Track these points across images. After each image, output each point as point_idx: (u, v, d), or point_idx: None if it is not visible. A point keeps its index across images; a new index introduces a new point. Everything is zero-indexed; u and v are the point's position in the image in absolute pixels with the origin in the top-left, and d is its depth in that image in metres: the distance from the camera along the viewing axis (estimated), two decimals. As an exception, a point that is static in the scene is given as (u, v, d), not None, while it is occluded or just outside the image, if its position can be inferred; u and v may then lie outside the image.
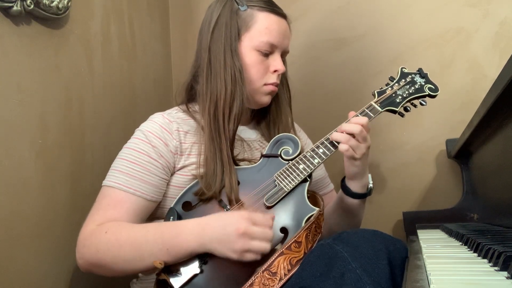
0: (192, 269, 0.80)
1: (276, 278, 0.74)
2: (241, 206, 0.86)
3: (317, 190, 1.11)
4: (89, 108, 1.08)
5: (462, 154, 1.17)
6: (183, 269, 0.80)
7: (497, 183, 0.89)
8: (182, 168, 0.91)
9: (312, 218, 0.83)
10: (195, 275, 0.79)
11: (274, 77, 0.97)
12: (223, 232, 0.77)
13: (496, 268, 0.53)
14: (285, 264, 0.76)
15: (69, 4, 0.98)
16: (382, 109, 0.94)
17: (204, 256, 0.80)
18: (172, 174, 0.92)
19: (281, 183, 0.88)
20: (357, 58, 1.38)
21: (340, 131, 0.90)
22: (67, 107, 1.01)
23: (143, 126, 0.94)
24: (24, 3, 0.86)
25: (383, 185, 1.34)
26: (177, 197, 0.88)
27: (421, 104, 0.97)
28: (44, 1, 0.90)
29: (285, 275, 0.75)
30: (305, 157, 0.90)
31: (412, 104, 0.98)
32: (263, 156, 0.93)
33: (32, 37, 0.91)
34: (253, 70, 0.95)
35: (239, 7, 0.95)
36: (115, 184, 0.86)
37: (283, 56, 1.00)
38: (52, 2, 0.93)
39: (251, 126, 1.06)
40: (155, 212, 0.92)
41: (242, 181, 0.89)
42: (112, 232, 0.80)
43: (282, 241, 0.83)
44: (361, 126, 0.88)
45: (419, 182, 1.31)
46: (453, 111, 1.27)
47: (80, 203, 1.01)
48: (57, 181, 0.97)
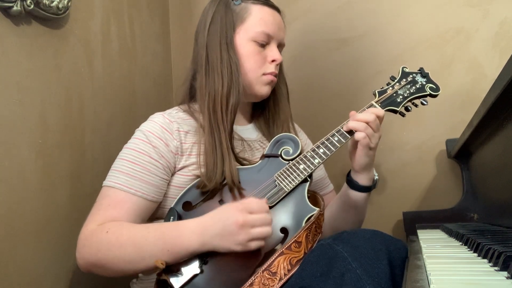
0: (192, 269, 0.80)
1: (276, 278, 0.75)
2: None
3: (317, 190, 1.11)
4: (89, 108, 1.08)
5: (462, 154, 1.17)
6: (183, 269, 0.80)
7: (497, 183, 0.89)
8: (182, 168, 0.91)
9: (313, 218, 0.83)
10: (195, 275, 0.79)
11: (272, 67, 0.98)
12: (223, 227, 0.77)
13: (496, 268, 0.53)
14: (285, 264, 0.76)
15: (69, 4, 0.98)
16: (383, 108, 0.94)
17: (204, 256, 0.80)
18: (172, 174, 0.92)
19: (282, 183, 0.88)
20: (357, 58, 1.38)
21: (355, 119, 0.90)
22: (67, 107, 1.01)
23: (143, 126, 0.94)
24: (24, 3, 0.86)
25: (383, 185, 1.34)
26: (178, 197, 0.88)
27: (422, 104, 0.97)
28: (44, 1, 0.90)
29: (285, 275, 0.75)
30: (305, 157, 0.90)
31: (413, 103, 0.98)
32: (263, 156, 0.93)
33: (32, 37, 0.91)
34: (251, 61, 0.96)
35: (233, 1, 0.97)
36: (115, 185, 0.86)
37: (279, 49, 1.01)
38: (52, 2, 0.93)
39: (251, 126, 1.07)
40: (156, 212, 0.92)
41: (242, 181, 0.89)
42: (113, 232, 0.80)
43: (282, 241, 0.83)
44: (375, 115, 0.89)
45: (419, 182, 1.31)
46: (453, 111, 1.27)
47: (80, 202, 1.01)
48: (57, 181, 0.97)
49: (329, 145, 0.91)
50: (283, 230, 0.84)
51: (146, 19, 1.39)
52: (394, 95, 0.96)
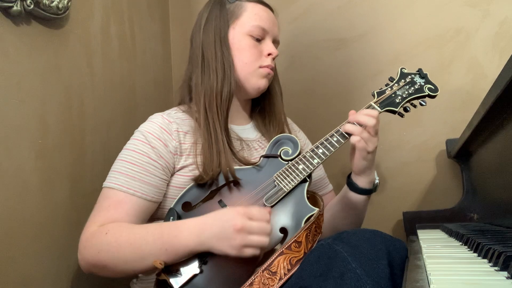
0: (192, 269, 0.80)
1: (276, 278, 0.75)
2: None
3: (316, 190, 1.11)
4: (89, 108, 1.08)
5: (462, 154, 1.17)
6: (183, 269, 0.80)
7: (497, 183, 0.89)
8: (182, 168, 0.92)
9: (312, 218, 0.83)
10: (195, 275, 0.79)
11: (268, 60, 1.00)
12: (221, 229, 0.77)
13: (496, 268, 0.53)
14: (285, 263, 0.76)
15: (69, 4, 0.98)
16: (382, 109, 0.94)
17: (204, 256, 0.81)
18: (172, 175, 0.92)
19: (281, 183, 0.88)
20: (357, 58, 1.38)
21: (354, 121, 0.90)
22: (67, 107, 1.01)
23: (142, 127, 0.94)
24: (24, 3, 0.86)
25: (383, 185, 1.34)
26: (177, 198, 0.88)
27: (421, 105, 0.97)
28: (44, 1, 0.90)
29: (285, 274, 0.75)
30: (304, 157, 0.90)
31: (412, 104, 0.98)
32: (262, 156, 0.93)
33: (32, 37, 0.91)
34: (248, 53, 0.98)
35: (228, 0, 1.00)
36: (115, 185, 0.86)
37: (274, 45, 1.03)
38: (52, 2, 0.93)
39: (250, 126, 1.07)
40: (155, 212, 0.92)
41: (241, 181, 0.89)
42: (112, 234, 0.81)
43: (282, 241, 0.83)
44: (375, 119, 0.89)
45: (419, 182, 1.31)
46: (453, 111, 1.27)
47: (80, 203, 1.01)
48: (57, 181, 0.97)
49: (328, 145, 0.91)
50: (283, 230, 0.84)
51: (146, 19, 1.39)
52: (393, 95, 0.96)
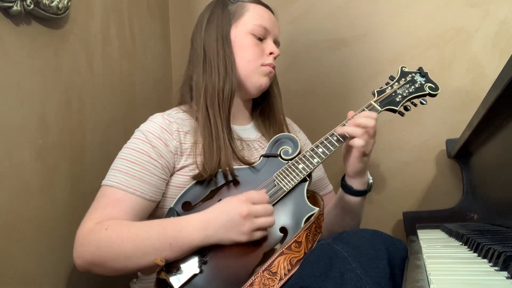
0: (192, 269, 0.80)
1: (276, 278, 0.75)
2: None
3: (316, 191, 1.11)
4: (89, 108, 1.08)
5: (462, 154, 1.17)
6: (183, 269, 0.80)
7: (497, 183, 0.89)
8: (182, 168, 0.92)
9: (312, 218, 0.83)
10: (195, 275, 0.79)
11: (270, 59, 1.01)
12: (228, 219, 0.78)
13: (496, 268, 0.53)
14: (285, 264, 0.76)
15: (69, 4, 0.98)
16: (382, 108, 0.94)
17: (204, 256, 0.81)
18: (172, 174, 0.92)
19: (281, 182, 0.88)
20: (357, 58, 1.38)
21: (353, 124, 0.89)
22: (67, 107, 1.01)
23: (143, 126, 0.94)
24: (24, 3, 0.86)
25: (383, 184, 1.34)
26: (177, 197, 0.88)
27: (421, 103, 0.97)
28: (44, 1, 0.90)
29: (285, 275, 0.75)
30: (304, 156, 0.90)
31: (412, 103, 0.98)
32: (262, 156, 0.93)
33: (32, 37, 0.91)
34: (250, 51, 0.99)
35: (230, 0, 1.02)
36: (114, 184, 0.86)
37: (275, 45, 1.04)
38: (52, 2, 0.93)
39: (250, 126, 1.07)
40: (155, 212, 0.92)
41: (241, 180, 0.90)
42: (112, 229, 0.80)
43: (282, 240, 0.83)
44: (374, 120, 0.89)
45: (419, 182, 1.31)
46: (453, 111, 1.27)
47: (80, 203, 1.01)
48: (57, 182, 0.97)
49: (328, 144, 0.91)
50: (283, 229, 0.84)
51: (146, 19, 1.39)
52: (393, 94, 0.96)
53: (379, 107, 0.94)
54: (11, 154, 0.85)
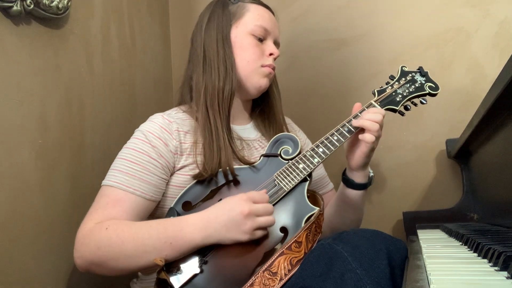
0: (192, 269, 0.80)
1: (276, 278, 0.75)
2: None
3: (316, 189, 1.11)
4: (89, 108, 1.08)
5: (462, 154, 1.17)
6: (183, 268, 0.80)
7: (497, 183, 0.89)
8: (182, 168, 0.92)
9: (312, 218, 0.83)
10: (195, 275, 0.79)
11: (270, 60, 1.01)
12: (229, 218, 0.78)
13: (496, 268, 0.53)
14: (285, 264, 0.76)
15: (69, 4, 0.98)
16: (382, 108, 0.94)
17: (204, 255, 0.81)
18: (172, 174, 0.92)
19: (281, 182, 0.88)
20: (357, 58, 1.38)
21: (366, 119, 0.89)
22: (67, 107, 1.01)
23: (142, 126, 0.94)
24: (24, 3, 0.86)
25: (383, 185, 1.34)
26: (177, 197, 0.88)
27: (422, 103, 0.97)
28: (44, 1, 0.90)
29: (285, 275, 0.75)
30: (304, 156, 0.90)
31: (413, 102, 0.98)
32: (263, 155, 0.93)
33: (32, 37, 0.91)
34: (250, 52, 0.99)
35: (231, 1, 1.02)
36: (114, 184, 0.86)
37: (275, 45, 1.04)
38: (52, 2, 0.92)
39: (250, 125, 1.07)
40: (155, 212, 0.92)
41: (242, 180, 0.90)
42: (113, 229, 0.80)
43: (282, 240, 0.83)
44: (381, 115, 0.89)
45: (419, 182, 1.31)
46: (453, 111, 1.27)
47: (80, 203, 1.01)
48: (57, 181, 0.97)
49: (328, 144, 0.91)
50: (283, 229, 0.84)
51: (146, 19, 1.39)
52: (394, 94, 0.96)
53: (379, 107, 0.94)
54: (11, 154, 0.85)
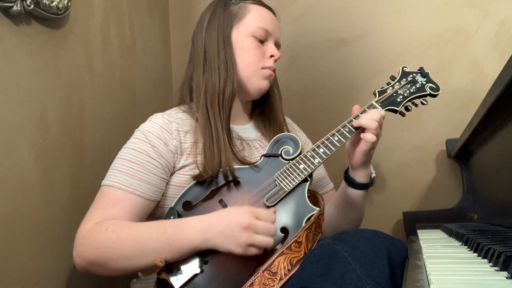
0: (192, 269, 0.80)
1: (276, 278, 0.75)
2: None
3: (317, 189, 1.11)
4: (89, 108, 1.08)
5: (462, 154, 1.17)
6: (183, 269, 0.80)
7: (497, 183, 0.89)
8: (182, 167, 0.92)
9: (313, 218, 0.83)
10: (196, 275, 0.79)
11: (271, 62, 1.01)
12: (227, 227, 0.77)
13: (496, 268, 0.53)
14: (285, 264, 0.76)
15: (69, 4, 0.98)
16: (383, 108, 0.94)
17: (204, 255, 0.81)
18: (172, 174, 0.92)
19: (282, 183, 0.88)
20: (357, 58, 1.38)
21: (365, 118, 0.89)
22: (67, 107, 1.01)
23: (142, 126, 0.94)
24: (24, 3, 0.86)
25: (383, 185, 1.34)
26: (178, 197, 0.88)
27: (422, 104, 0.97)
28: (44, 1, 0.90)
29: (285, 275, 0.75)
30: (305, 156, 0.90)
31: (413, 103, 0.98)
32: (263, 155, 0.93)
33: (32, 37, 0.91)
34: (251, 53, 0.99)
35: (232, 1, 1.01)
36: (114, 183, 0.86)
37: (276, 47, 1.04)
38: (52, 2, 0.92)
39: (250, 125, 1.07)
40: (155, 211, 0.92)
41: (242, 180, 0.90)
42: (113, 229, 0.80)
43: (282, 241, 0.83)
44: (381, 115, 0.90)
45: (419, 182, 1.31)
46: (453, 111, 1.27)
47: (80, 203, 1.01)
48: (57, 181, 0.97)
49: (329, 144, 0.91)
50: (283, 229, 0.84)
51: (146, 19, 1.39)
52: (394, 94, 0.96)
53: (380, 108, 0.94)
54: (11, 154, 0.85)
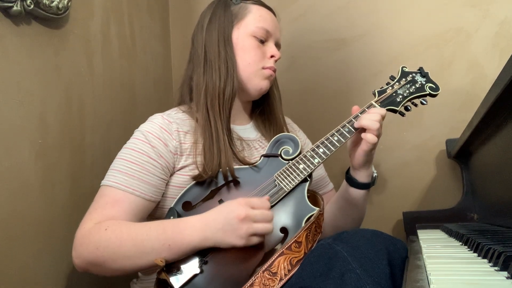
0: (192, 269, 0.80)
1: (276, 278, 0.75)
2: None
3: (317, 189, 1.11)
4: (89, 108, 1.08)
5: (462, 154, 1.17)
6: (183, 269, 0.80)
7: (497, 183, 0.89)
8: (182, 168, 0.92)
9: (312, 218, 0.83)
10: (195, 275, 0.79)
11: (271, 62, 1.01)
12: (226, 222, 0.78)
13: (496, 268, 0.53)
14: (285, 264, 0.76)
15: (69, 4, 0.98)
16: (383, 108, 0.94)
17: (204, 256, 0.81)
18: (172, 174, 0.92)
19: (281, 183, 0.88)
20: (357, 58, 1.38)
21: (366, 119, 0.89)
22: (67, 107, 1.01)
23: (142, 127, 0.94)
24: (24, 3, 0.86)
25: (383, 185, 1.34)
26: (177, 197, 0.88)
27: (422, 104, 0.97)
28: (44, 1, 0.90)
29: (285, 275, 0.75)
30: (305, 156, 0.90)
31: (413, 103, 0.98)
32: (263, 156, 0.93)
33: (32, 37, 0.91)
34: (251, 53, 0.99)
35: (233, 1, 1.01)
36: (114, 184, 0.86)
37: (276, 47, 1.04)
38: (52, 2, 0.93)
39: (250, 125, 1.07)
40: (155, 212, 0.92)
41: (242, 180, 0.90)
42: (112, 230, 0.80)
43: (282, 241, 0.83)
44: (380, 115, 0.90)
45: (419, 182, 1.31)
46: (453, 111, 1.27)
47: (80, 203, 1.01)
48: (57, 181, 0.97)
49: (328, 144, 0.91)
50: (283, 230, 0.84)
51: (146, 19, 1.39)
52: (394, 94, 0.96)
53: (379, 107, 0.94)
54: (11, 154, 0.85)
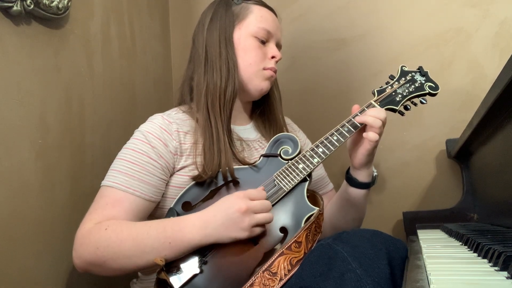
0: (192, 269, 0.80)
1: (276, 278, 0.75)
2: None
3: (316, 189, 1.11)
4: (89, 108, 1.08)
5: (462, 154, 1.17)
6: (183, 269, 0.80)
7: (497, 183, 0.89)
8: (182, 168, 0.92)
9: (312, 218, 0.83)
10: (195, 275, 0.79)
11: (272, 63, 1.01)
12: (227, 216, 0.78)
13: (496, 268, 0.53)
14: (285, 264, 0.76)
15: (69, 4, 0.98)
16: (382, 107, 0.94)
17: (204, 256, 0.81)
18: (171, 175, 0.92)
19: (281, 182, 0.88)
20: (357, 58, 1.38)
21: (369, 116, 0.89)
22: (67, 107, 1.01)
23: (142, 127, 0.94)
24: (24, 3, 0.86)
25: (383, 185, 1.34)
26: (177, 198, 0.88)
27: (421, 103, 0.97)
28: (44, 1, 0.90)
29: (285, 275, 0.75)
30: (304, 156, 0.90)
31: (412, 102, 0.98)
32: (262, 155, 0.93)
33: (32, 37, 0.91)
34: (252, 54, 0.99)
35: (234, 1, 1.01)
36: (114, 184, 0.86)
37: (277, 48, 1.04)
38: (52, 2, 0.93)
39: (250, 126, 1.07)
40: (155, 212, 0.92)
41: (241, 180, 0.90)
42: (112, 229, 0.80)
43: (282, 240, 0.83)
44: (384, 114, 0.90)
45: (419, 182, 1.31)
46: (453, 111, 1.27)
47: (80, 203, 1.01)
48: (57, 181, 0.97)
49: (328, 144, 0.91)
50: (283, 229, 0.84)
51: (146, 19, 1.39)
52: (393, 94, 0.96)
53: (379, 107, 0.94)
54: (11, 154, 0.85)
